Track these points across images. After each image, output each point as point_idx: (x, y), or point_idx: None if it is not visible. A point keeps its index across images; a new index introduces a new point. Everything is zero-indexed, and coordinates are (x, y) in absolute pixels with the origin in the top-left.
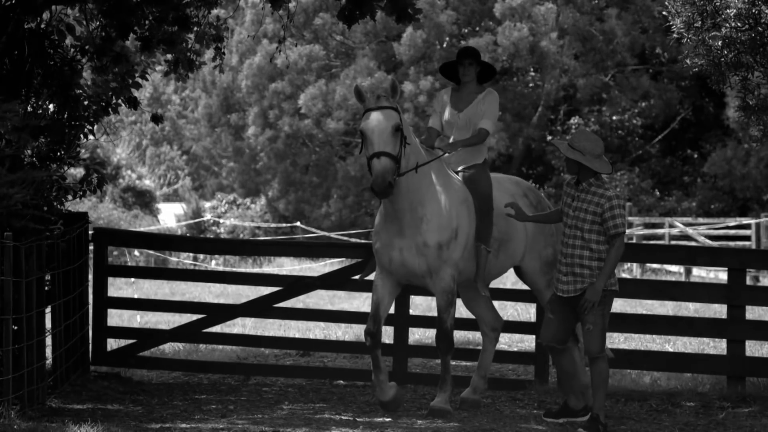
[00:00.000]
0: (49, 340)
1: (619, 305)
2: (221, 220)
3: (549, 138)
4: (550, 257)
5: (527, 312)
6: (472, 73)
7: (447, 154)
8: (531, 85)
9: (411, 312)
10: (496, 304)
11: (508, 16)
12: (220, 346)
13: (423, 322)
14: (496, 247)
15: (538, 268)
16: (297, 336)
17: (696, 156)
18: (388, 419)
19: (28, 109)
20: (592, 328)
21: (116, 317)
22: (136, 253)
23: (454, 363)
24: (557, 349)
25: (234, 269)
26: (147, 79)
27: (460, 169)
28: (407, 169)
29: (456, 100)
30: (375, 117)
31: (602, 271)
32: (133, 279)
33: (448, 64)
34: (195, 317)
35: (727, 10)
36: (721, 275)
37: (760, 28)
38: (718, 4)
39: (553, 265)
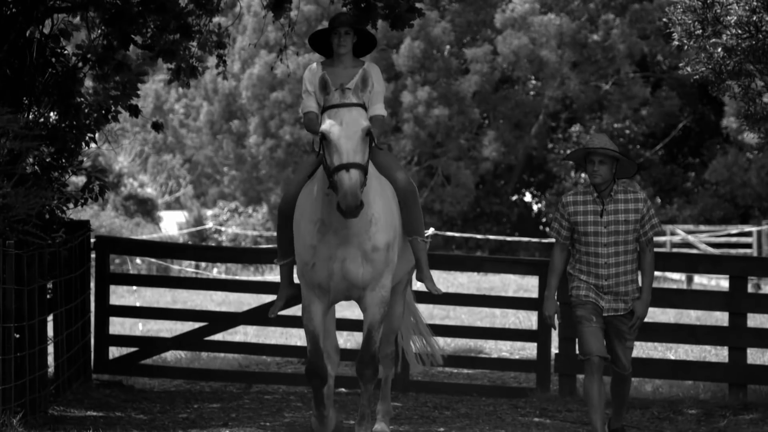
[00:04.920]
0: (51, 348)
1: None
2: (223, 228)
3: (550, 146)
4: None
5: (529, 320)
6: (348, 43)
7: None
8: (532, 93)
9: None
10: (496, 311)
11: (509, 26)
12: (222, 354)
13: None
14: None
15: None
16: (299, 344)
17: (697, 163)
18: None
19: (30, 117)
20: (631, 345)
21: (118, 325)
22: (138, 261)
23: (455, 370)
24: (605, 361)
25: (236, 277)
26: (144, 82)
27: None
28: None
29: (332, 76)
30: (343, 119)
31: (645, 283)
32: (134, 287)
33: (317, 34)
34: (197, 325)
35: (728, 18)
36: (722, 283)
37: (760, 36)
38: (718, 11)
39: None
